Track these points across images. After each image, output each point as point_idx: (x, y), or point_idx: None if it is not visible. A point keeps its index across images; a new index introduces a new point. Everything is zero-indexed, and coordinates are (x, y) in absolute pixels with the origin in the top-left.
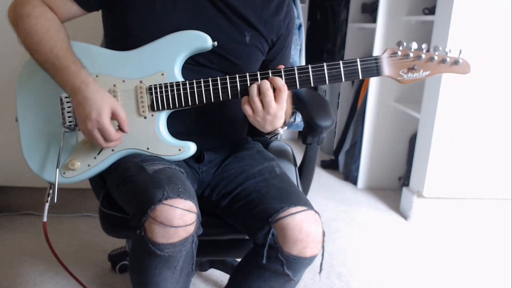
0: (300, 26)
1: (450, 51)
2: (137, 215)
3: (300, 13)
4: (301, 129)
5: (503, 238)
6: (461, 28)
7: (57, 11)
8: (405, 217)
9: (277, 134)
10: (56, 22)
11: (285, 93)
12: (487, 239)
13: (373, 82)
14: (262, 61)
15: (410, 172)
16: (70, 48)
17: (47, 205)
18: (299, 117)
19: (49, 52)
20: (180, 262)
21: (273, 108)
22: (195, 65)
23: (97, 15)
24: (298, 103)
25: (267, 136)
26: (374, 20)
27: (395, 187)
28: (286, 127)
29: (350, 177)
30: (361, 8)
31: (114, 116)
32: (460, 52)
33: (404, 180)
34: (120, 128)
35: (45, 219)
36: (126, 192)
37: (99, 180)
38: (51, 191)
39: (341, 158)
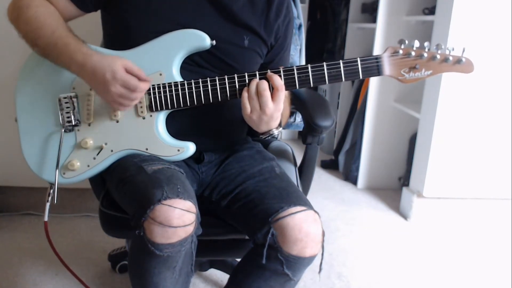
0: (300, 26)
1: (453, 49)
2: (137, 215)
3: (300, 13)
4: (301, 129)
5: (503, 238)
6: (461, 28)
7: (56, 9)
8: (405, 217)
9: (271, 135)
10: (56, 12)
11: (282, 92)
12: (487, 239)
13: (373, 82)
14: (260, 64)
15: (410, 172)
16: (71, 30)
17: (48, 205)
18: (299, 117)
19: (50, 35)
20: (179, 262)
21: (270, 109)
22: (193, 66)
23: (97, 16)
24: (298, 103)
25: (261, 136)
26: (374, 20)
27: (395, 187)
28: (281, 128)
29: (350, 177)
30: (361, 8)
31: (128, 72)
32: (464, 51)
33: (404, 180)
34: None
35: (46, 219)
36: (125, 192)
37: (99, 180)
38: (51, 191)
39: (341, 158)
